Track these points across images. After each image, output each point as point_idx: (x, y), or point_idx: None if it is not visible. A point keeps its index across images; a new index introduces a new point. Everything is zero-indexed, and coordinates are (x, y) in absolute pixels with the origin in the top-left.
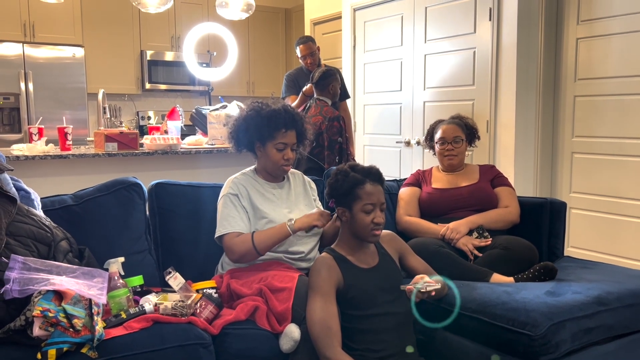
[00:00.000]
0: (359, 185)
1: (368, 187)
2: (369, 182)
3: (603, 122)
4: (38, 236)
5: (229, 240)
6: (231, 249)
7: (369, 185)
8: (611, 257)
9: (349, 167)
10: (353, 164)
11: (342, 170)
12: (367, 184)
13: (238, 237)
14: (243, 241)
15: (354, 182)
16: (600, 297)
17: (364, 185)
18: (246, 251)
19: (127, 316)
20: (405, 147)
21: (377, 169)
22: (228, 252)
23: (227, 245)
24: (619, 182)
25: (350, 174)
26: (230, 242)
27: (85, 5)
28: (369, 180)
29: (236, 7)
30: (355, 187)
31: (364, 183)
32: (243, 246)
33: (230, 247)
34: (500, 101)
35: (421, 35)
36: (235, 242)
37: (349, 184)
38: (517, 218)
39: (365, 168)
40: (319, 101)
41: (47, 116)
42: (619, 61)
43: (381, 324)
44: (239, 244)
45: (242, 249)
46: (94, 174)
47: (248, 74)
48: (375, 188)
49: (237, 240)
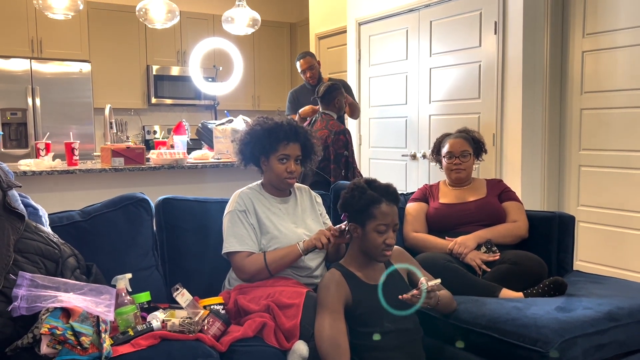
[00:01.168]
0: (375, 204)
1: (384, 208)
2: (385, 202)
3: (610, 135)
4: (46, 253)
5: (240, 259)
6: (242, 269)
7: (385, 205)
8: (620, 271)
9: (366, 184)
10: (370, 180)
11: (360, 186)
12: (383, 204)
13: (249, 257)
14: (255, 261)
15: (370, 200)
16: (611, 313)
17: (380, 205)
18: (258, 271)
19: (134, 333)
20: (411, 161)
21: (394, 189)
22: (238, 272)
23: (238, 265)
24: (627, 195)
25: (367, 191)
26: (242, 262)
27: (92, 21)
28: (385, 200)
29: (242, 22)
30: (370, 205)
31: (380, 202)
32: (255, 266)
33: (241, 267)
34: (507, 114)
35: (426, 48)
36: (247, 263)
37: (365, 201)
38: (526, 232)
39: (382, 186)
40: (324, 115)
41: (54, 131)
42: (625, 74)
43: (390, 341)
44: (250, 265)
45: (253, 269)
46: (101, 189)
47: (254, 88)
48: (391, 209)
49: (249, 260)
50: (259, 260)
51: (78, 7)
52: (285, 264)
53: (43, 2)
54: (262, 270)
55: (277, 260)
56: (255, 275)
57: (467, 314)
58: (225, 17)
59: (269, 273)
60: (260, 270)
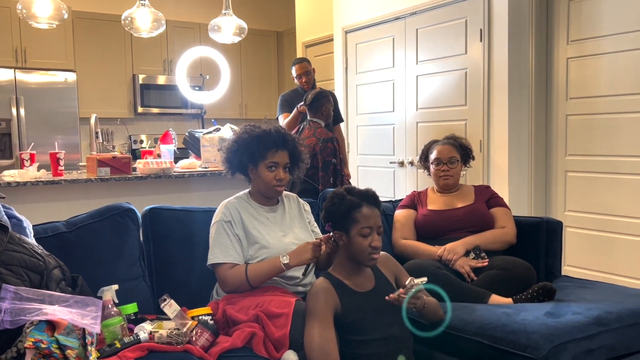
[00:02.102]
0: (355, 208)
1: (365, 211)
2: (365, 205)
3: (596, 140)
4: (30, 265)
5: (223, 271)
6: (224, 281)
7: (366, 208)
8: (607, 275)
9: (345, 191)
10: (349, 187)
11: (338, 193)
12: (364, 207)
13: (232, 268)
14: (236, 274)
15: (350, 205)
16: (600, 318)
17: (360, 208)
18: (239, 284)
19: (121, 345)
20: (399, 168)
21: (373, 192)
22: (221, 284)
23: (220, 276)
24: (613, 200)
25: (346, 197)
26: (224, 273)
27: (77, 30)
28: (365, 204)
29: (228, 31)
30: (351, 210)
31: (361, 206)
32: (236, 279)
33: (223, 279)
34: (493, 121)
35: (413, 56)
36: (229, 275)
37: (346, 207)
38: (514, 238)
39: (361, 191)
40: (312, 123)
41: (39, 141)
42: (609, 80)
43: (380, 348)
44: (232, 277)
45: (235, 281)
46: (86, 199)
47: (241, 96)
48: (372, 211)
49: (231, 272)
50: (240, 273)
51: (62, 17)
52: (266, 278)
53: (27, 12)
54: (242, 283)
55: (259, 274)
56: (237, 287)
57: (457, 320)
58: (212, 25)
59: (249, 286)
60: (241, 283)
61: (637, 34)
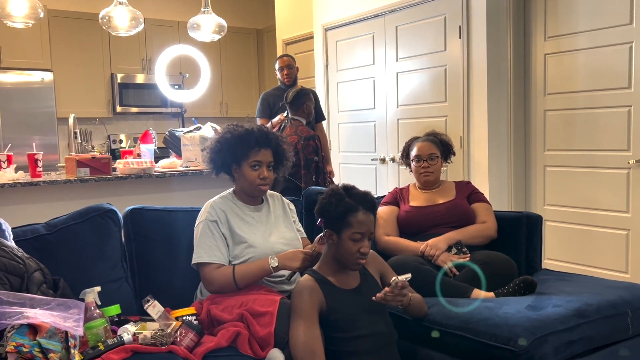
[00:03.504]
0: (352, 212)
1: (361, 216)
2: (362, 210)
3: (574, 135)
4: (10, 268)
5: (208, 272)
6: (210, 282)
7: (362, 214)
8: (586, 268)
9: (344, 190)
10: (349, 187)
11: (337, 192)
12: (360, 213)
13: (218, 269)
14: (223, 275)
15: (347, 208)
16: (580, 310)
17: (357, 213)
18: (226, 284)
19: (105, 348)
20: (381, 164)
21: (372, 197)
22: (207, 284)
23: (206, 277)
24: (591, 193)
25: (345, 198)
26: (210, 274)
27: (53, 29)
28: (362, 209)
29: (208, 29)
30: (347, 213)
31: (357, 211)
32: (223, 280)
33: (209, 280)
34: (473, 117)
35: (393, 53)
36: (215, 275)
37: (342, 209)
38: (495, 233)
39: (360, 194)
40: (293, 121)
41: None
42: (586, 75)
43: (365, 345)
44: (219, 277)
45: (221, 282)
46: (66, 201)
47: (221, 95)
48: (367, 217)
49: (217, 273)
50: (227, 274)
51: (38, 15)
52: (254, 280)
53: (2, 10)
54: (229, 284)
55: (246, 276)
56: (224, 288)
57: (440, 315)
58: (191, 23)
59: (236, 287)
60: (228, 284)
61: (612, 29)
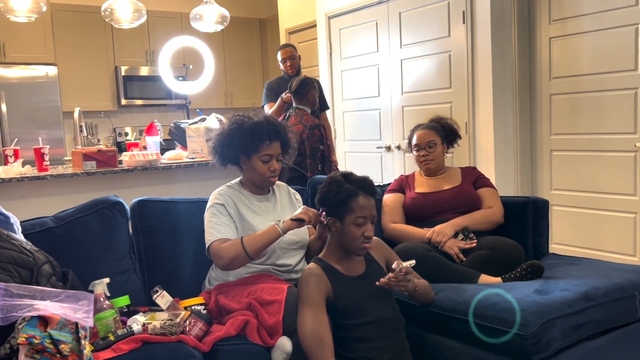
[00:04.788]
0: (352, 197)
1: (361, 200)
2: (362, 194)
3: (579, 119)
4: (19, 261)
5: (216, 246)
6: (219, 255)
7: (362, 198)
8: (594, 252)
9: (342, 177)
10: (347, 174)
11: (336, 180)
12: (361, 197)
13: (226, 242)
14: (232, 245)
15: (347, 193)
16: (587, 293)
17: (357, 197)
18: (235, 255)
19: (115, 338)
20: (386, 152)
21: (370, 181)
22: (216, 259)
23: (214, 251)
24: (598, 177)
25: (344, 184)
26: (218, 247)
27: (56, 22)
28: (362, 193)
29: (210, 20)
30: (348, 198)
31: (358, 195)
32: (232, 250)
33: (217, 253)
34: (478, 103)
35: (396, 40)
36: (223, 247)
37: (343, 195)
38: (502, 218)
39: (359, 179)
40: (298, 110)
41: (23, 137)
42: (592, 58)
43: (373, 332)
44: (227, 248)
45: (230, 253)
46: (73, 194)
47: (225, 85)
48: (368, 201)
49: (225, 245)
50: (236, 243)
51: (41, 10)
52: (264, 245)
53: (5, 5)
54: (239, 253)
55: (255, 242)
56: (234, 259)
57: (448, 301)
58: (194, 14)
59: (247, 256)
60: (237, 253)
61: (617, 11)
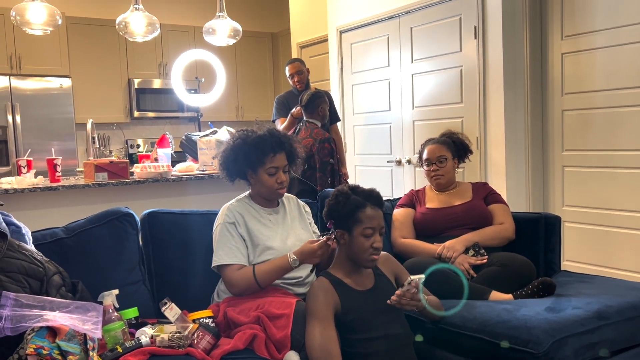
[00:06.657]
0: (359, 208)
1: (369, 211)
2: (369, 205)
3: (592, 135)
4: (30, 271)
5: (230, 273)
6: (232, 283)
7: (370, 209)
8: (606, 269)
9: (349, 189)
10: (353, 186)
11: (343, 192)
12: (368, 208)
13: (239, 270)
14: (244, 276)
15: (354, 205)
16: (600, 312)
17: (364, 209)
18: (247, 286)
19: (123, 350)
20: (397, 167)
21: (377, 193)
22: (229, 286)
23: (228, 279)
24: (611, 194)
25: (351, 196)
26: (231, 275)
27: (71, 35)
28: (369, 204)
29: (223, 34)
30: (356, 210)
31: (365, 206)
32: (244, 281)
33: (231, 281)
34: (489, 118)
35: (408, 55)
36: (236, 277)
37: (350, 207)
38: (513, 234)
39: (366, 191)
40: (308, 123)
41: (36, 148)
42: (604, 74)
43: (381, 346)
44: (240, 279)
45: (243, 283)
46: (84, 205)
47: (237, 98)
48: (376, 212)
49: (238, 274)
50: (248, 274)
51: (57, 22)
52: (275, 278)
53: (21, 18)
54: (251, 284)
55: (267, 275)
56: (246, 289)
57: (458, 317)
58: (206, 28)
59: (258, 287)
60: (249, 285)
61: (631, 27)
